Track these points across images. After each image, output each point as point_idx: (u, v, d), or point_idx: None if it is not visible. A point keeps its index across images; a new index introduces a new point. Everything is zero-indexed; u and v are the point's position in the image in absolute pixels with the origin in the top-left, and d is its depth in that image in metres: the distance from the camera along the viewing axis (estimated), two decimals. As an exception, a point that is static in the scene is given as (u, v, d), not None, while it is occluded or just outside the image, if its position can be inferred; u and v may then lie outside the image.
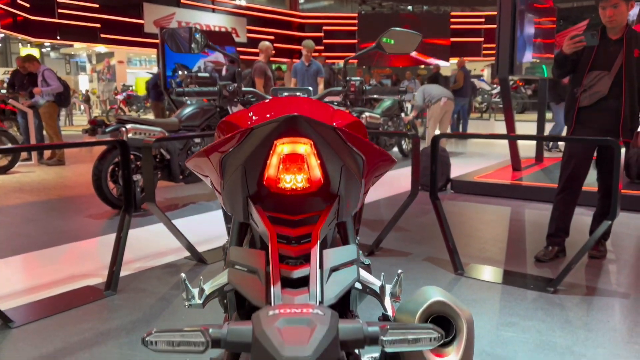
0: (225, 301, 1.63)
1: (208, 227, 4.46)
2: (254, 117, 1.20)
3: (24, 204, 5.39)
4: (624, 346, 2.33)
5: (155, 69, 18.02)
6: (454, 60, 17.37)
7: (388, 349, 0.68)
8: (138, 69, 25.16)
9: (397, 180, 6.10)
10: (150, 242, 4.00)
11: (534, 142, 7.68)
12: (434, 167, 3.53)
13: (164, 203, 5.41)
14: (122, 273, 3.26)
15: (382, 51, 1.76)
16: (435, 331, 0.69)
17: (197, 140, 5.59)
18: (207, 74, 6.97)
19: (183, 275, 1.10)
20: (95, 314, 2.71)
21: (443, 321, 0.91)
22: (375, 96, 1.85)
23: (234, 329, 0.67)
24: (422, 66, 23.76)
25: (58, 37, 20.22)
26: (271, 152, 0.91)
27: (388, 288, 1.20)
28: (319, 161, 0.92)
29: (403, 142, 9.11)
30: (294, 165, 0.91)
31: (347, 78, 1.82)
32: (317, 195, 0.95)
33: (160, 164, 5.34)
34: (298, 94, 1.58)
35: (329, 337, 0.64)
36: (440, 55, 19.32)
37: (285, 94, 1.60)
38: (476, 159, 8.69)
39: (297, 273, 0.86)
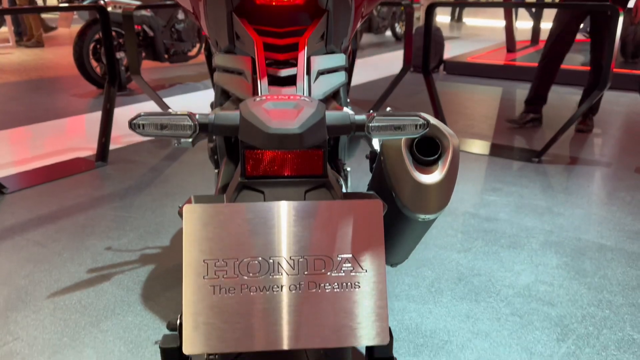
0: (215, 157, 1.64)
1: (196, 106, 4.41)
2: None
3: (6, 84, 5.24)
4: (601, 207, 2.43)
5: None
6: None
7: (374, 136, 0.69)
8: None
9: (389, 63, 5.97)
10: (139, 119, 3.96)
11: (531, 25, 7.43)
12: (428, 39, 3.43)
13: (150, 83, 5.29)
14: (112, 146, 3.26)
15: None
16: (422, 119, 0.70)
17: (181, 16, 5.35)
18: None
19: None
20: (88, 182, 2.74)
21: (430, 143, 0.92)
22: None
23: (222, 114, 0.67)
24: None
25: None
26: None
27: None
28: None
29: (396, 25, 8.81)
30: None
31: None
32: (304, 10, 0.92)
33: (143, 42, 5.14)
34: None
35: (316, 117, 0.64)
36: None
37: None
38: (471, 42, 8.45)
39: (284, 72, 0.85)
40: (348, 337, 0.62)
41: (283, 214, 0.64)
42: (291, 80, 0.84)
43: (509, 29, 6.44)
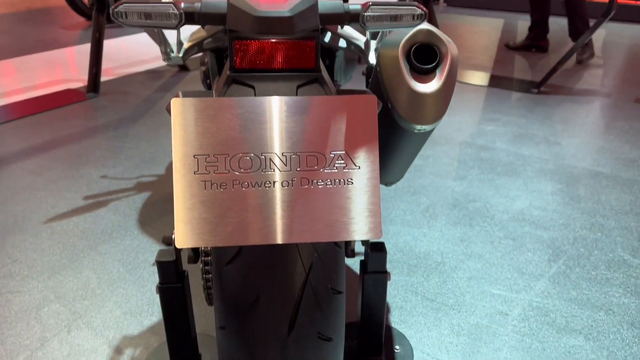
0: (208, 81, 1.60)
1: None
2: None
3: (-8, 16, 5.07)
4: (599, 136, 2.41)
5: None
6: None
7: (369, 27, 0.66)
8: None
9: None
10: (128, 52, 3.86)
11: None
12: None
13: (141, 15, 5.13)
14: (104, 78, 3.20)
15: None
16: (419, 9, 0.67)
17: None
18: None
19: (163, 30, 1.04)
20: (80, 113, 2.70)
21: (428, 50, 0.89)
22: None
23: (209, 2, 0.63)
24: None
25: None
26: None
27: (373, 43, 1.16)
28: None
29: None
30: None
31: None
32: None
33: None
34: None
35: (307, 2, 0.61)
36: None
37: None
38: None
39: None
40: (341, 231, 0.62)
41: (275, 109, 0.62)
42: None
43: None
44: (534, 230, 1.71)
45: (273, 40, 0.63)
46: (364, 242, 1.09)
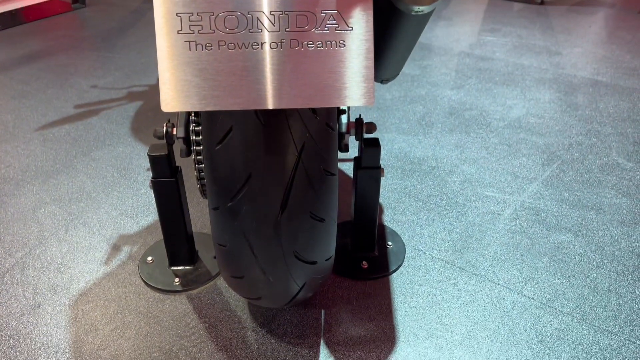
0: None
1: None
2: None
3: None
4: (601, 46, 2.35)
5: None
6: None
7: None
8: None
9: None
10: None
11: None
12: None
13: None
14: (89, -12, 3.06)
15: None
16: None
17: None
18: None
19: None
20: (66, 24, 2.61)
21: None
22: None
23: None
24: None
25: None
26: None
27: None
28: None
29: None
30: None
31: None
32: None
33: None
34: None
35: None
36: None
37: None
38: None
39: None
40: (332, 97, 0.60)
41: None
42: None
43: None
44: (529, 137, 1.70)
45: None
46: (358, 137, 1.07)
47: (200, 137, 0.84)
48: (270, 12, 0.58)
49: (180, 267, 1.16)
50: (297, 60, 0.59)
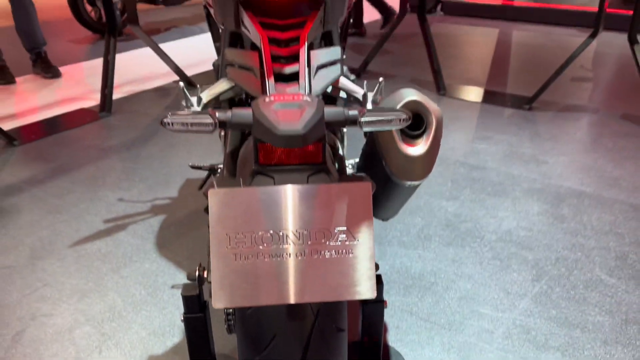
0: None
1: (194, 51, 4.43)
2: None
3: (1, 28, 5.21)
4: (585, 154, 2.56)
5: None
6: None
7: (365, 129, 0.81)
8: None
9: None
10: (137, 67, 4.01)
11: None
12: (423, -16, 3.43)
13: (145, 27, 5.26)
14: (114, 96, 3.34)
15: None
16: (405, 114, 0.82)
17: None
18: None
19: (181, 84, 1.18)
20: (94, 133, 2.85)
21: (417, 117, 1.04)
22: None
23: (237, 112, 0.78)
24: None
25: None
26: None
27: (370, 95, 1.31)
28: None
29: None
30: None
31: None
32: (303, 2, 1.01)
33: (137, -16, 5.07)
34: None
35: (316, 117, 0.76)
36: None
37: None
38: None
39: (288, 70, 0.96)
40: (343, 292, 0.77)
41: (290, 195, 0.77)
42: (294, 76, 0.95)
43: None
44: (519, 251, 1.86)
45: None
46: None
47: None
48: (296, 230, 0.76)
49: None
50: (316, 266, 0.77)
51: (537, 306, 1.60)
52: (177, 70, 3.54)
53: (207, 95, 1.16)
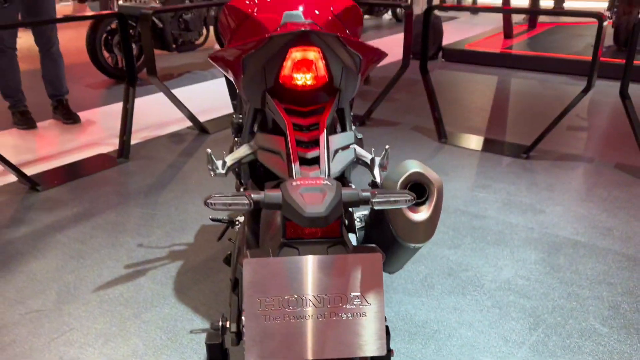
0: (237, 170, 1.90)
1: (206, 97, 4.63)
2: (256, 8, 1.38)
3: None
4: (580, 204, 2.69)
5: None
6: None
7: (376, 207, 0.95)
8: None
9: (390, 48, 6.14)
10: (152, 112, 4.20)
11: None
12: (425, 40, 3.63)
13: (159, 73, 5.48)
14: (131, 142, 3.50)
15: None
16: (410, 195, 0.95)
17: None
18: None
19: (208, 150, 1.33)
20: (113, 179, 3.00)
21: (420, 186, 1.18)
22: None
23: (269, 194, 0.92)
24: None
25: None
26: (287, 56, 1.11)
27: (377, 160, 1.46)
28: (324, 62, 1.13)
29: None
30: (305, 66, 1.12)
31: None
32: (322, 90, 1.17)
33: (153, 33, 5.32)
34: None
35: (335, 200, 0.90)
36: None
37: None
38: (470, 24, 8.58)
39: (310, 155, 1.11)
40: (357, 350, 0.89)
41: (311, 264, 0.90)
42: (315, 160, 1.11)
43: (507, 17, 6.60)
44: (518, 299, 1.97)
45: None
46: None
47: None
48: (317, 294, 0.89)
49: None
50: (334, 326, 0.89)
51: (534, 355, 1.70)
52: (191, 117, 3.72)
53: (230, 159, 1.31)
